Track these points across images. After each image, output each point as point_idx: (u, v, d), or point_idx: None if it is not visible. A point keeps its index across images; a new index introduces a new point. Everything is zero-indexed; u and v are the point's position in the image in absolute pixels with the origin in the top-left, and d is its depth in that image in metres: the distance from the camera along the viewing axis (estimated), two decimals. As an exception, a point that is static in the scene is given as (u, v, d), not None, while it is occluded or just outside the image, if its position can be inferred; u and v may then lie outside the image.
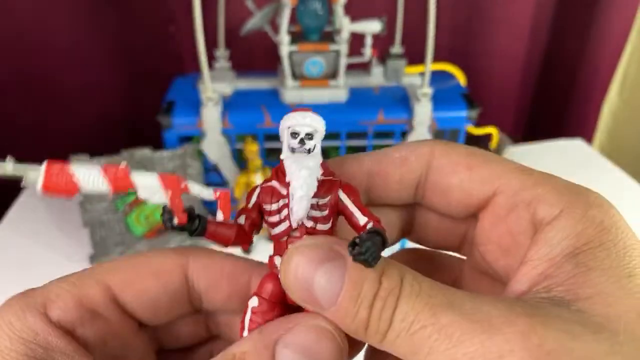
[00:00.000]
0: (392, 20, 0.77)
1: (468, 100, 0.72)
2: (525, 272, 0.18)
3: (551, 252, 0.18)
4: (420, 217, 0.24)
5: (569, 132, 1.10)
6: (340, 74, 0.70)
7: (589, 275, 0.17)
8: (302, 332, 0.18)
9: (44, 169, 0.19)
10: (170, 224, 0.19)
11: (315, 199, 0.20)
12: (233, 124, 0.68)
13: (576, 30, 1.03)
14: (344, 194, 0.20)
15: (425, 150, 0.22)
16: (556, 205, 0.19)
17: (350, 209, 0.20)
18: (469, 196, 0.21)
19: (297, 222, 0.20)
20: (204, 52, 0.61)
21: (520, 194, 0.20)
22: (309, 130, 0.20)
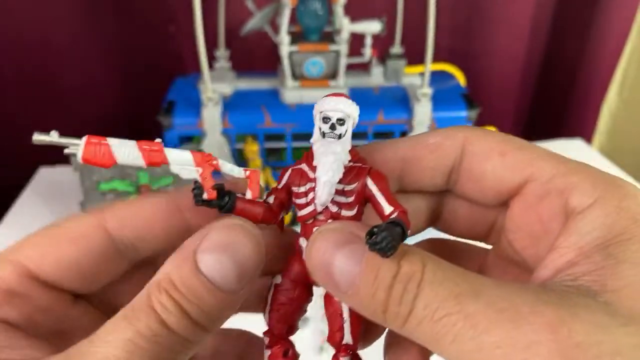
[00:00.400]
0: (392, 20, 0.77)
1: (468, 101, 0.72)
2: (552, 258, 0.18)
3: (581, 241, 0.18)
4: (450, 204, 0.24)
5: (569, 132, 1.10)
6: (340, 74, 0.70)
7: (619, 267, 0.16)
8: (215, 234, 0.18)
9: (84, 141, 0.20)
10: (201, 199, 0.20)
11: (341, 185, 0.20)
12: (233, 124, 0.68)
13: (576, 31, 1.03)
14: (372, 182, 0.20)
15: (459, 135, 0.22)
16: (590, 194, 0.18)
17: (377, 197, 0.20)
18: (501, 183, 0.21)
19: (321, 206, 0.20)
20: (204, 52, 0.61)
21: (554, 181, 0.20)
22: (341, 115, 0.20)
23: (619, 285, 0.16)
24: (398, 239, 0.17)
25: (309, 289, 0.22)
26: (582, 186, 0.19)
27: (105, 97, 0.90)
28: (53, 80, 0.85)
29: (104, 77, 0.88)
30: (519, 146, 0.21)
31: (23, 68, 0.84)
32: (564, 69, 1.07)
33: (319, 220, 0.20)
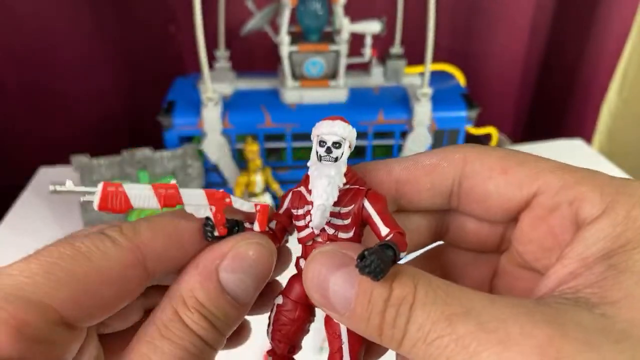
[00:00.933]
0: (392, 20, 0.77)
1: (467, 101, 0.72)
2: (556, 269, 0.18)
3: (585, 252, 0.17)
4: (456, 221, 0.24)
5: (569, 132, 1.10)
6: (340, 74, 0.70)
7: (619, 277, 0.16)
8: (236, 253, 0.20)
9: (100, 189, 0.20)
10: (211, 236, 0.20)
11: (337, 207, 0.20)
12: (233, 124, 0.68)
13: (576, 31, 1.03)
14: (369, 203, 0.20)
15: (457, 156, 0.21)
16: (598, 205, 0.18)
17: (374, 218, 0.20)
18: (508, 201, 0.21)
19: (316, 229, 0.21)
20: (204, 52, 0.61)
21: (562, 193, 0.19)
22: (337, 139, 0.21)
23: (618, 296, 0.16)
24: (388, 262, 0.17)
25: (311, 309, 0.22)
26: (591, 196, 0.19)
27: (106, 97, 0.90)
28: (53, 80, 0.85)
29: (105, 77, 0.88)
30: (521, 161, 0.21)
31: (23, 68, 0.83)
32: (563, 69, 1.07)
33: (318, 242, 0.21)
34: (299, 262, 0.22)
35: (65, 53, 0.84)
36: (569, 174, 0.20)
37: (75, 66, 0.85)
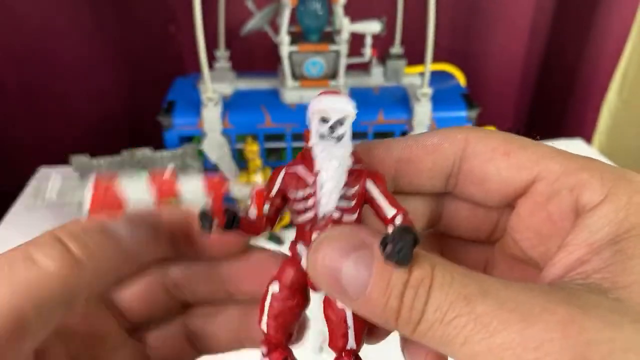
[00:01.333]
0: (392, 20, 0.77)
1: (467, 101, 0.72)
2: (561, 257, 0.18)
3: (590, 238, 0.17)
4: (450, 206, 0.23)
5: (569, 132, 1.10)
6: (340, 74, 0.70)
7: (629, 263, 0.16)
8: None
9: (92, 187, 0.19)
10: (209, 229, 0.19)
11: (344, 189, 0.19)
12: (233, 124, 0.68)
13: (575, 31, 1.03)
14: (372, 184, 0.19)
15: (460, 136, 0.21)
16: (600, 190, 0.18)
17: (378, 200, 0.19)
18: (507, 184, 0.20)
19: (324, 214, 0.19)
20: (204, 52, 0.61)
21: (562, 179, 0.19)
22: (341, 115, 0.19)
23: (629, 281, 0.16)
24: (412, 247, 0.16)
25: (307, 295, 0.21)
26: (592, 183, 0.19)
27: (106, 97, 0.90)
28: (53, 80, 0.85)
29: (104, 77, 0.88)
30: (523, 145, 0.21)
31: (23, 68, 0.83)
32: (563, 69, 1.07)
33: (319, 225, 0.20)
34: (295, 246, 0.20)
35: (65, 53, 0.84)
36: (569, 161, 0.20)
37: (75, 66, 0.85)
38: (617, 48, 1.05)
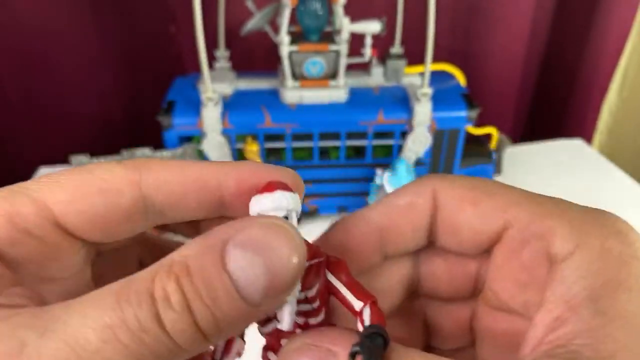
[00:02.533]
0: (392, 20, 0.77)
1: (468, 101, 0.72)
2: (541, 317, 0.17)
3: (567, 294, 0.16)
4: (430, 262, 0.23)
5: (569, 132, 1.10)
6: (340, 74, 0.70)
7: (611, 326, 0.15)
8: (256, 231, 0.15)
9: None
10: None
11: (303, 293, 0.17)
12: (233, 124, 0.68)
13: (576, 30, 1.03)
14: (332, 276, 0.17)
15: (428, 189, 0.21)
16: (570, 239, 0.17)
17: (342, 292, 0.17)
18: (479, 233, 0.20)
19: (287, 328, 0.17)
20: (204, 52, 0.61)
21: (531, 227, 0.19)
22: (284, 214, 0.17)
23: (612, 349, 0.15)
24: (381, 353, 0.15)
25: None
26: (562, 230, 0.18)
27: (106, 97, 0.90)
28: (53, 80, 0.85)
29: (104, 77, 0.88)
30: (490, 192, 0.20)
31: (23, 68, 0.84)
32: (564, 69, 1.08)
33: (285, 333, 0.18)
34: (267, 354, 0.19)
35: (64, 53, 0.84)
36: (537, 206, 0.19)
37: (74, 66, 0.86)
38: (617, 48, 1.05)
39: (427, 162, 0.75)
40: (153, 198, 0.18)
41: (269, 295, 0.15)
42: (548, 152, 1.02)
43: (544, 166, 0.97)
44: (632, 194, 0.90)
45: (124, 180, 0.18)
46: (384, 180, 0.70)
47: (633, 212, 0.95)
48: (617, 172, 0.95)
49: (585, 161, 0.99)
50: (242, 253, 0.15)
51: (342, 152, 0.73)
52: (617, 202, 0.87)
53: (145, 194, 0.18)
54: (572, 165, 0.97)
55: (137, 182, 0.18)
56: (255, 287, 0.15)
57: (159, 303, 0.14)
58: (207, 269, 0.14)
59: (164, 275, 0.14)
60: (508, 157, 0.84)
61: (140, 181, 0.18)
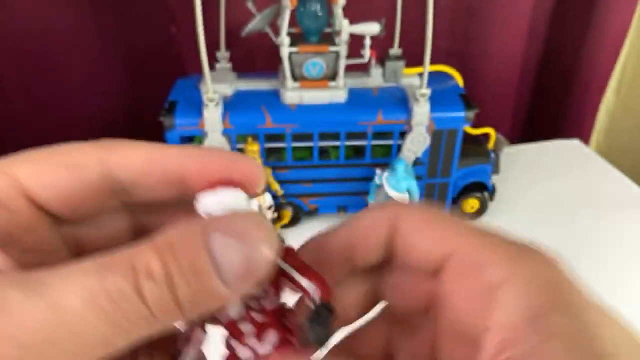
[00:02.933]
0: (391, 22, 0.77)
1: (466, 101, 0.72)
2: (489, 341, 0.18)
3: (508, 318, 0.18)
4: (389, 279, 0.24)
5: (567, 132, 1.10)
6: (339, 75, 0.70)
7: (549, 344, 0.17)
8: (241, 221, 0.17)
9: None
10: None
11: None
12: (234, 125, 0.69)
13: (574, 32, 1.03)
14: (283, 262, 0.19)
15: (390, 212, 0.23)
16: (505, 267, 0.19)
17: (293, 275, 0.18)
18: (428, 257, 0.22)
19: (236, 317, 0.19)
20: (205, 53, 0.62)
21: (471, 257, 0.20)
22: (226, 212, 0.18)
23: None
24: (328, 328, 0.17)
25: None
26: (496, 260, 0.19)
27: (107, 98, 0.90)
28: (54, 81, 0.86)
29: (106, 78, 0.89)
30: (442, 222, 0.22)
31: (24, 70, 0.84)
32: (562, 70, 1.08)
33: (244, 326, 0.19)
34: (230, 342, 0.19)
35: (66, 54, 0.84)
36: (475, 238, 0.21)
37: (76, 67, 0.86)
38: (615, 48, 1.05)
39: (425, 162, 0.75)
40: (119, 176, 0.19)
41: (244, 281, 0.16)
42: (546, 152, 1.02)
43: (541, 166, 0.98)
44: (629, 194, 0.90)
45: (91, 158, 0.19)
46: (384, 180, 0.71)
47: (631, 213, 0.96)
48: (615, 172, 0.96)
49: (582, 162, 1.00)
50: (224, 239, 0.16)
51: (341, 152, 0.74)
52: (615, 203, 0.88)
53: (112, 171, 0.19)
54: (569, 166, 0.98)
55: (104, 160, 0.19)
56: (233, 272, 0.16)
57: (140, 274, 0.15)
58: (191, 248, 0.15)
59: (148, 250, 0.15)
60: (506, 157, 0.85)
61: (109, 159, 0.19)
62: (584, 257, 0.77)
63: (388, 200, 0.72)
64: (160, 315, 0.15)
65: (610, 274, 0.72)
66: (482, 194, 0.80)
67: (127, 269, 0.15)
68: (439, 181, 0.78)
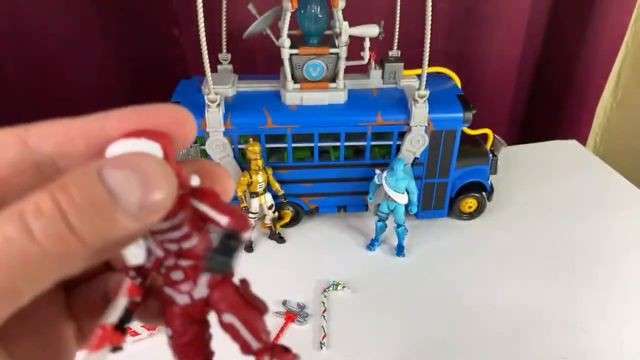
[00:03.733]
0: (390, 24, 0.78)
1: (464, 102, 0.73)
2: None
3: None
4: None
5: (564, 133, 1.11)
6: (339, 76, 0.71)
7: None
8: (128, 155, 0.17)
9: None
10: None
11: (168, 221, 0.18)
12: (235, 125, 0.70)
13: (571, 34, 1.04)
14: (200, 203, 0.19)
15: None
16: None
17: (210, 214, 0.19)
18: None
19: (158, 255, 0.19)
20: (207, 55, 0.63)
21: None
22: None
23: None
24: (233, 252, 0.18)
25: (202, 319, 0.20)
26: None
27: (111, 99, 0.91)
28: (58, 83, 0.87)
29: (110, 79, 0.89)
30: None
31: (28, 70, 0.85)
32: (559, 72, 1.09)
33: (171, 265, 0.19)
34: (166, 290, 0.20)
35: (70, 56, 0.85)
36: None
37: (79, 68, 0.87)
38: (611, 50, 1.06)
39: (424, 162, 0.76)
40: (42, 149, 0.18)
41: (147, 210, 0.16)
42: (543, 153, 1.03)
43: (539, 167, 0.98)
44: (626, 194, 0.91)
45: (8, 136, 0.18)
46: (383, 180, 0.71)
47: (627, 212, 0.96)
48: (612, 172, 0.97)
49: (579, 162, 1.01)
50: (118, 171, 0.16)
51: (341, 152, 0.75)
52: (612, 202, 0.89)
53: (33, 145, 0.18)
54: (566, 166, 0.99)
55: (22, 136, 0.18)
56: (133, 201, 0.16)
57: (28, 215, 0.15)
58: (83, 182, 0.16)
59: (39, 193, 0.15)
60: (503, 157, 0.86)
61: (26, 135, 0.18)
62: (581, 255, 0.78)
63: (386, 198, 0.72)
64: (57, 248, 0.15)
65: (606, 272, 0.73)
66: (480, 193, 0.81)
67: (14, 213, 0.15)
68: (437, 181, 0.79)
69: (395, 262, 0.75)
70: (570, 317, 0.65)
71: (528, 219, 0.84)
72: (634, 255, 0.76)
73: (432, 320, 0.65)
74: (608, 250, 0.77)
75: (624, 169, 0.97)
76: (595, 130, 1.22)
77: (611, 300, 0.68)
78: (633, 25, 1.08)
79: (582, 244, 0.78)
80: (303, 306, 0.66)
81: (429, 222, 0.83)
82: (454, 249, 0.77)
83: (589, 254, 0.76)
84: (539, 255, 0.76)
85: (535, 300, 0.68)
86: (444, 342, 0.62)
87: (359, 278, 0.71)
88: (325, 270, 0.72)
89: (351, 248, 0.77)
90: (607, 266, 0.74)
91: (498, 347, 0.61)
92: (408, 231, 0.76)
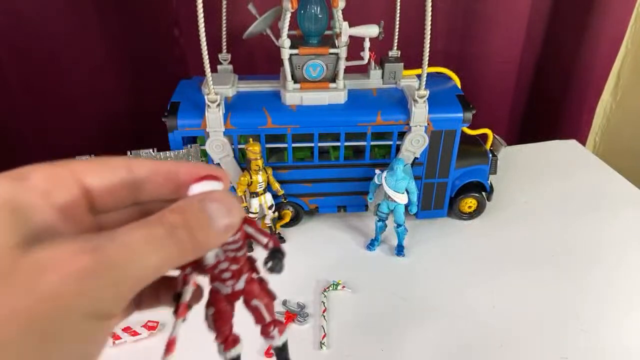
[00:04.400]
0: (390, 25, 0.78)
1: (463, 102, 0.73)
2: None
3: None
4: None
5: (563, 133, 1.11)
6: (339, 76, 0.71)
7: None
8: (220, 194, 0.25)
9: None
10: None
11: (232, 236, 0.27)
12: (235, 125, 0.70)
13: (571, 34, 1.04)
14: (247, 226, 0.28)
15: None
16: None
17: (254, 235, 0.29)
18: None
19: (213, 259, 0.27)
20: (207, 55, 0.63)
21: None
22: None
23: None
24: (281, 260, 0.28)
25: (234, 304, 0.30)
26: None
27: (111, 99, 0.91)
28: (59, 83, 0.87)
29: (110, 79, 0.90)
30: None
31: (29, 70, 0.85)
32: (558, 72, 1.09)
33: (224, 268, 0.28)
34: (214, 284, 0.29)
35: (71, 56, 0.85)
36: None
37: (80, 69, 0.87)
38: (611, 50, 1.06)
39: (424, 162, 0.76)
40: (138, 174, 0.26)
41: (227, 230, 0.24)
42: (543, 153, 1.04)
43: (538, 166, 0.99)
44: (625, 194, 0.91)
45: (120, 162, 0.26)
46: (382, 180, 0.72)
47: (627, 211, 0.96)
48: (612, 172, 0.97)
49: (579, 162, 1.01)
50: (214, 204, 0.24)
51: (341, 152, 0.75)
52: (612, 202, 0.89)
53: (133, 170, 0.26)
54: (566, 166, 0.99)
55: (128, 163, 0.26)
56: (221, 224, 0.24)
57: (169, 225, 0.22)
58: (195, 208, 0.24)
59: (168, 213, 0.23)
60: (503, 157, 0.86)
61: (130, 162, 0.26)
62: (581, 255, 0.78)
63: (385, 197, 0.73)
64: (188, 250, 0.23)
65: (605, 271, 0.73)
66: (480, 193, 0.81)
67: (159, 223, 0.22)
68: (437, 181, 0.79)
69: (395, 262, 0.75)
70: (570, 317, 0.65)
71: (528, 218, 0.84)
72: (633, 255, 0.76)
73: (432, 320, 0.65)
74: (608, 250, 0.77)
75: (624, 169, 0.97)
76: (594, 130, 1.22)
77: (611, 299, 0.68)
78: (633, 25, 1.08)
79: (582, 244, 0.78)
80: (303, 306, 0.66)
81: (428, 222, 0.83)
82: (454, 249, 0.77)
83: (589, 253, 0.76)
84: (538, 255, 0.76)
85: (535, 299, 0.68)
86: (444, 342, 0.62)
87: (359, 278, 0.71)
88: (325, 270, 0.72)
89: (351, 248, 0.77)
90: (606, 266, 0.74)
91: (498, 347, 0.61)
92: (408, 231, 0.76)
